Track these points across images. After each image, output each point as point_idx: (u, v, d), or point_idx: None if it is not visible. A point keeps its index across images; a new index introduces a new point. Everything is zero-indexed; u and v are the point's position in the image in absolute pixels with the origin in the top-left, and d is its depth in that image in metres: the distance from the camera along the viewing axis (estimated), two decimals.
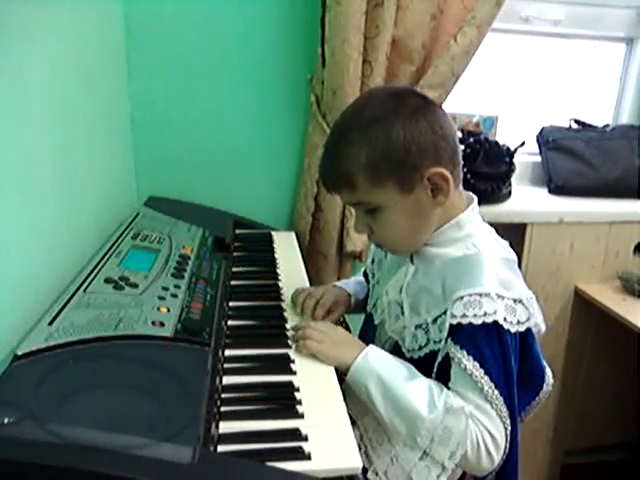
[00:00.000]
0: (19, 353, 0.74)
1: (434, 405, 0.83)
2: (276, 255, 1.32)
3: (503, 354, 0.83)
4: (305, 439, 0.72)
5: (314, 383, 0.85)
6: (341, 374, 0.89)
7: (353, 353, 0.89)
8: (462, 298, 0.83)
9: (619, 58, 1.85)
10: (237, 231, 1.44)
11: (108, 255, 1.06)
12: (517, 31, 1.74)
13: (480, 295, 0.83)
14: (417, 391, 0.85)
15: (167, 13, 1.40)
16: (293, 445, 0.71)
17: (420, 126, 0.84)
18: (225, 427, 0.74)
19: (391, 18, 1.35)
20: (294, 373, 0.86)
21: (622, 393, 1.86)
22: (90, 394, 0.71)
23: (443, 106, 1.35)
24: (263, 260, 1.28)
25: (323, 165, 0.93)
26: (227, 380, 0.83)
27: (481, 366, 0.82)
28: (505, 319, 0.83)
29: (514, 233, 1.63)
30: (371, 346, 0.92)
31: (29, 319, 0.84)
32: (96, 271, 0.98)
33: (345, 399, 0.83)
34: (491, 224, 1.59)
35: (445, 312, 0.86)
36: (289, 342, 0.95)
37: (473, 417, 0.82)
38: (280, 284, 1.17)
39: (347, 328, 1.26)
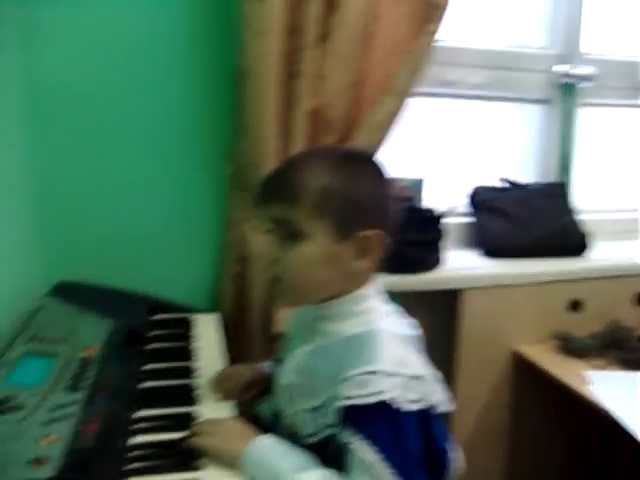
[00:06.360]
0: None
1: None
2: (194, 345, 1.22)
3: (396, 434, 0.77)
4: None
5: None
6: None
7: (244, 444, 0.82)
8: (352, 378, 0.78)
9: (540, 118, 1.87)
10: (155, 316, 1.34)
11: None
12: (441, 94, 1.74)
13: (369, 373, 0.78)
14: None
15: (74, 81, 1.31)
16: None
17: (387, 188, 0.88)
18: None
19: (309, 89, 1.31)
20: None
21: (571, 456, 1.81)
22: None
23: None
24: (179, 353, 1.18)
25: (273, 173, 0.89)
26: None
27: (374, 450, 0.75)
28: (397, 397, 0.77)
29: (448, 299, 1.58)
30: (265, 435, 0.85)
31: None
32: None
33: None
34: (423, 292, 1.54)
35: (337, 395, 0.80)
36: (196, 463, 0.84)
37: None
38: (194, 383, 1.06)
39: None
